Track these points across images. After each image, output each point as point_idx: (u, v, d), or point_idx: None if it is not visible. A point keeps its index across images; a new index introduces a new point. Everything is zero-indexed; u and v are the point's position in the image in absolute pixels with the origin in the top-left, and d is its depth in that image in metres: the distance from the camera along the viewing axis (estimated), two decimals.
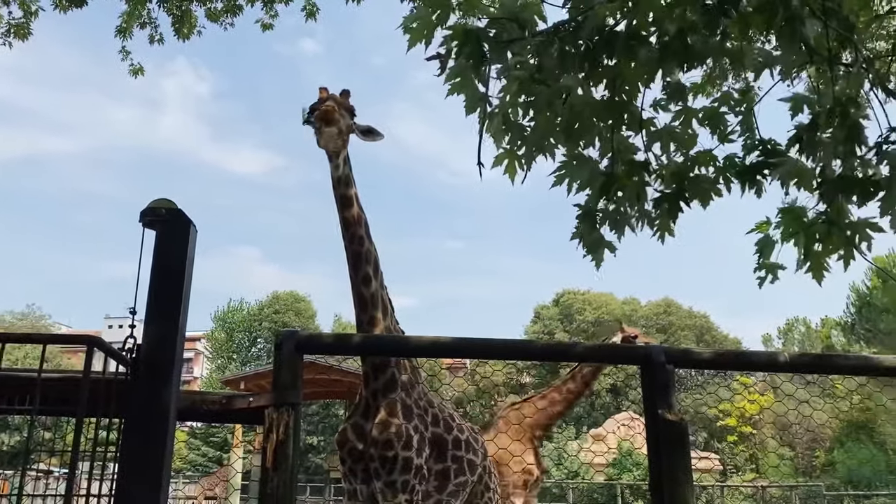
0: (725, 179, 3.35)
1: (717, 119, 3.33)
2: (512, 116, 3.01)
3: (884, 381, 30.16)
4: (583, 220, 3.22)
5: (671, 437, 3.07)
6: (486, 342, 3.28)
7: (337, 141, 4.09)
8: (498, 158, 3.13)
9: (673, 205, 3.30)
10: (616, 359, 3.55)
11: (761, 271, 3.36)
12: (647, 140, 3.15)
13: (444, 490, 4.40)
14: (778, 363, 3.57)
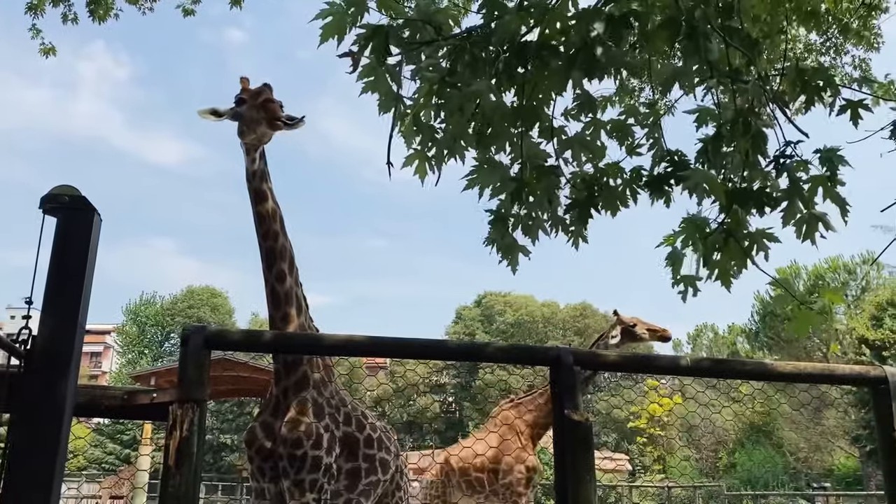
0: (632, 191, 3.46)
1: (625, 131, 3.43)
2: (423, 118, 3.04)
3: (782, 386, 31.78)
4: (495, 225, 3.26)
5: (576, 437, 3.15)
6: (401, 341, 3.29)
7: (267, 135, 4.05)
8: (408, 159, 3.14)
9: (583, 211, 3.38)
10: (527, 359, 3.62)
11: (680, 285, 3.49)
12: (558, 148, 3.23)
13: (354, 489, 4.38)
14: (679, 367, 3.72)
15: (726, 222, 3.14)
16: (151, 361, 51.06)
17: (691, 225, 3.24)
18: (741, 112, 2.96)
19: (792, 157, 3.13)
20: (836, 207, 3.16)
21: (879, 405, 3.84)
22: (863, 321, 31.15)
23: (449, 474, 8.34)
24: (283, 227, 4.26)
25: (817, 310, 3.24)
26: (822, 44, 7.67)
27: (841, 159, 3.16)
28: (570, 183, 3.32)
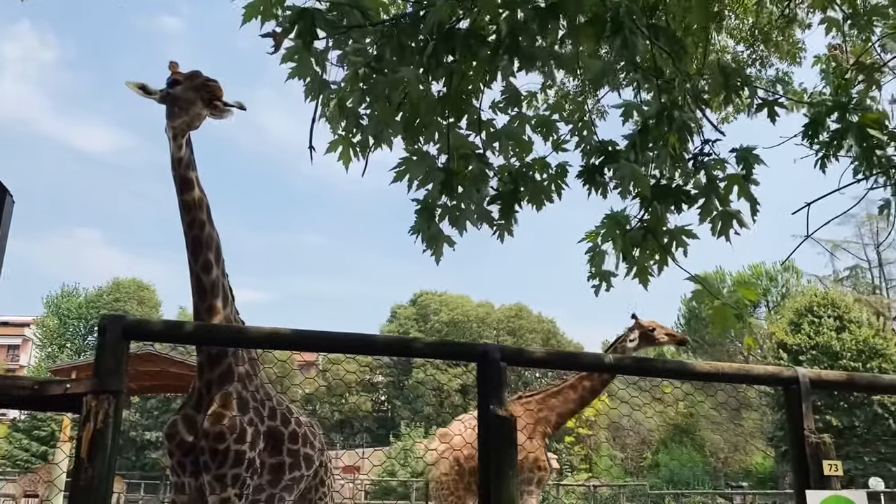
0: (557, 186, 3.53)
1: (549, 127, 3.49)
2: (350, 104, 3.02)
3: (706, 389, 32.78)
4: (421, 215, 3.27)
5: (500, 432, 3.19)
6: (327, 335, 3.26)
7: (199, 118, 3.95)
8: (332, 144, 3.12)
9: (508, 204, 3.43)
10: (455, 355, 3.63)
11: (595, 279, 3.57)
12: (486, 140, 3.26)
13: (277, 484, 4.33)
14: (603, 364, 3.81)
15: (645, 219, 3.23)
16: (73, 355, 49.20)
17: (612, 221, 3.32)
18: (665, 106, 3.04)
19: (709, 156, 3.24)
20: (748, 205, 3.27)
21: (791, 405, 4.00)
22: (782, 326, 32.42)
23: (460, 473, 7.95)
24: (210, 216, 4.18)
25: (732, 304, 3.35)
26: (748, 55, 7.99)
27: (756, 158, 3.29)
28: (497, 176, 3.35)
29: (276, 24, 2.71)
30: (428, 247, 3.37)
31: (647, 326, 7.91)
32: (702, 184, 3.32)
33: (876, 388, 4.96)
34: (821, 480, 3.73)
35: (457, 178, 3.06)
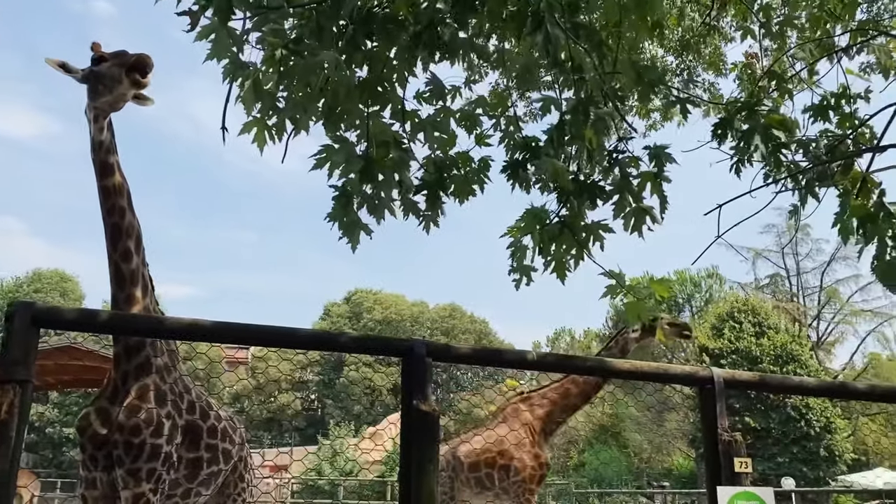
0: (480, 181, 3.57)
1: (473, 120, 3.52)
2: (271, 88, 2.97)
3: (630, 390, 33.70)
4: (338, 202, 3.25)
5: (423, 428, 3.20)
6: (249, 327, 3.20)
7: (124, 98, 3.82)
8: (246, 126, 3.07)
9: (433, 194, 3.45)
10: (380, 350, 3.62)
11: (516, 273, 3.61)
12: (410, 130, 3.26)
13: (194, 479, 4.24)
14: (527, 361, 3.86)
15: (563, 213, 3.30)
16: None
17: (531, 215, 3.38)
18: (581, 101, 3.11)
19: (624, 153, 3.33)
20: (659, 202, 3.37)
21: (706, 404, 4.14)
22: (704, 331, 33.51)
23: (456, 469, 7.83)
24: (131, 203, 4.06)
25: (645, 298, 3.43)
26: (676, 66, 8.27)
27: (668, 157, 3.39)
28: (422, 167, 3.36)
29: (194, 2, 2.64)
30: (344, 234, 3.34)
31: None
32: (617, 180, 3.40)
33: (785, 388, 5.18)
34: (732, 477, 3.88)
35: (376, 166, 3.04)
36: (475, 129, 3.52)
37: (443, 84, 3.33)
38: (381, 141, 3.05)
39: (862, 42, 4.09)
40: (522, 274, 3.60)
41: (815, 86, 4.09)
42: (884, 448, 35.81)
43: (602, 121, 3.19)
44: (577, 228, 3.37)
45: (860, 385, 5.23)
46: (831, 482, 28.06)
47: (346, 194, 3.22)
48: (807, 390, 5.35)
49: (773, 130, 3.32)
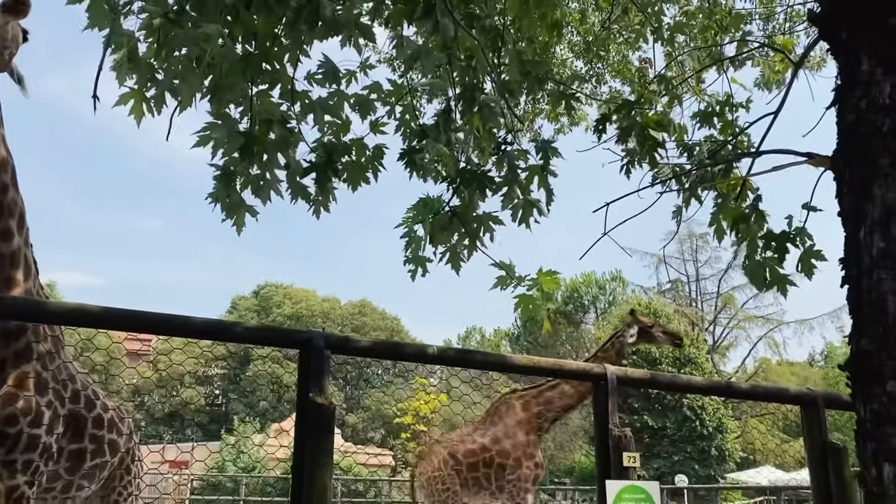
0: (374, 168, 3.56)
1: (367, 106, 3.50)
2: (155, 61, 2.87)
3: None
4: (220, 182, 3.17)
5: (317, 420, 3.17)
6: (138, 314, 3.09)
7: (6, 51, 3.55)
8: (123, 97, 2.95)
9: (322, 176, 3.41)
10: (278, 341, 3.56)
11: (411, 264, 3.62)
12: (300, 111, 3.21)
13: (76, 471, 4.04)
14: (427, 355, 3.88)
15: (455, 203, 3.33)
16: None
17: (423, 204, 3.40)
18: (468, 87, 3.14)
19: (512, 145, 3.39)
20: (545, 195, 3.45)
21: (599, 400, 4.27)
22: (607, 332, 34.59)
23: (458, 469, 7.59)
24: (15, 180, 3.82)
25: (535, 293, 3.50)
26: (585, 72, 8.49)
27: (555, 151, 3.47)
28: (312, 150, 3.32)
29: None
30: (228, 216, 3.26)
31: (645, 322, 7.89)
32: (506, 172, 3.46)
33: (675, 386, 5.41)
34: (621, 471, 4.02)
35: (258, 144, 2.97)
36: (369, 114, 3.50)
37: (336, 67, 3.29)
38: (265, 119, 2.98)
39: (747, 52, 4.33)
40: (417, 265, 3.61)
41: (702, 93, 4.30)
42: (770, 448, 37.87)
43: (489, 108, 3.23)
44: (467, 219, 3.40)
45: (744, 385, 5.52)
46: (721, 479, 29.42)
47: (228, 174, 3.14)
48: (695, 388, 5.62)
49: (650, 130, 3.46)
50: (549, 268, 3.40)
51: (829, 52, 2.63)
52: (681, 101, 4.30)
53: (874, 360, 2.32)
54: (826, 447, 4.71)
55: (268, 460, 32.74)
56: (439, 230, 3.39)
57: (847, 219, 2.49)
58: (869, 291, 2.37)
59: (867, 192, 2.42)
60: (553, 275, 3.42)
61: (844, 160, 2.53)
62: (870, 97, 2.47)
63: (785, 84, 4.42)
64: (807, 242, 3.35)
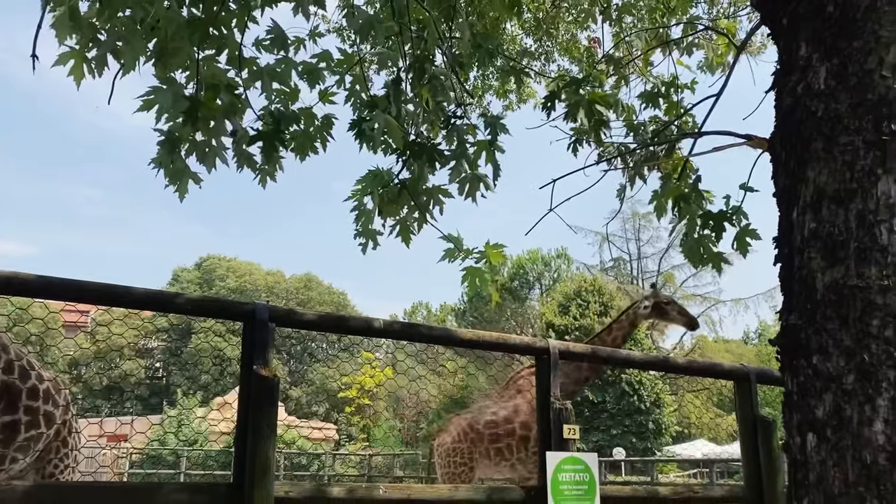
0: (322, 138, 3.53)
1: (316, 75, 3.46)
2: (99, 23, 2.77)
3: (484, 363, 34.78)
4: (164, 147, 3.10)
5: (261, 392, 3.16)
6: (77, 283, 3.02)
7: None
8: (62, 57, 2.84)
9: (269, 146, 3.36)
10: (221, 313, 3.52)
11: (361, 238, 3.61)
12: (247, 78, 3.16)
13: (10, 444, 3.95)
14: (373, 328, 3.89)
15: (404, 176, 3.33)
16: None
17: (373, 176, 3.39)
18: (418, 58, 3.13)
19: (462, 119, 3.40)
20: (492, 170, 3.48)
21: (541, 372, 4.36)
22: (552, 308, 35.13)
23: (476, 441, 7.74)
24: None
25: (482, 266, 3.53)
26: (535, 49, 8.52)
27: (503, 127, 3.50)
28: (259, 118, 3.27)
29: None
30: (171, 182, 3.20)
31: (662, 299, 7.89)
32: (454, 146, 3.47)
33: (614, 360, 5.54)
34: (561, 443, 4.13)
35: (203, 110, 2.91)
36: (318, 83, 3.45)
37: (285, 34, 3.23)
38: (212, 85, 2.91)
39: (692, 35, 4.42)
40: (368, 238, 3.61)
41: (649, 74, 4.38)
42: (704, 422, 39.19)
43: (438, 81, 3.23)
44: (417, 191, 3.40)
45: (680, 360, 5.69)
46: (657, 452, 30.35)
47: (171, 139, 3.07)
48: (634, 363, 5.76)
49: (597, 106, 3.51)
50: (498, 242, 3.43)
51: (770, 36, 2.70)
52: (627, 81, 4.37)
53: (801, 335, 2.43)
54: (756, 420, 4.92)
55: (210, 434, 32.43)
56: (389, 203, 3.38)
57: (781, 199, 2.58)
58: (799, 269, 2.47)
59: (801, 175, 2.51)
60: (499, 248, 3.45)
61: (781, 143, 2.61)
62: (806, 82, 2.55)
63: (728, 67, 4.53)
64: (742, 221, 3.46)
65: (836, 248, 2.34)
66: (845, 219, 2.34)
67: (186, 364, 50.28)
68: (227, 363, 48.53)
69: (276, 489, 3.11)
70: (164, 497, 2.97)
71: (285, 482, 3.28)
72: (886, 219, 2.31)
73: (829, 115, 2.44)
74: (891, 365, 2.24)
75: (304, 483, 3.48)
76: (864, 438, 2.21)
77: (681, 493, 4.92)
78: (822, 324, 2.33)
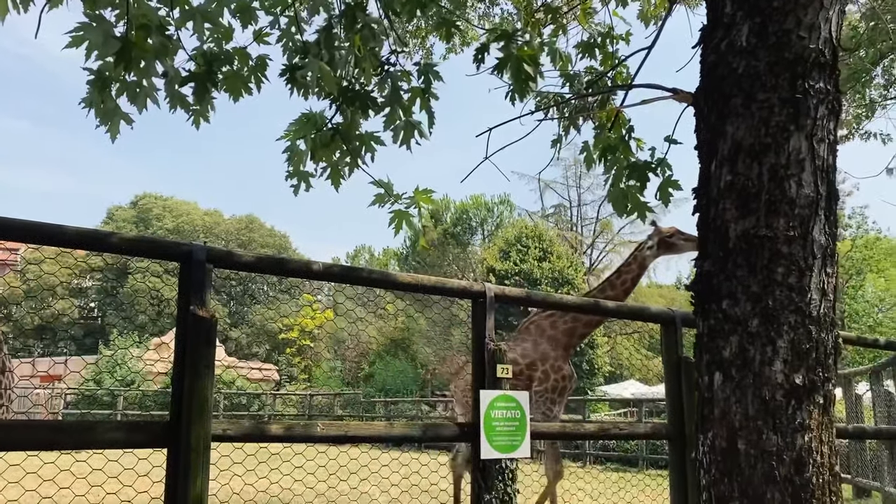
0: (256, 79, 3.49)
1: (248, 14, 3.40)
2: None
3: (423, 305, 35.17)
4: (94, 87, 3.03)
5: (199, 332, 3.19)
6: (5, 221, 2.97)
7: None
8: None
9: (201, 87, 3.32)
10: (156, 253, 3.49)
11: (293, 179, 3.62)
12: (179, 17, 3.09)
13: None
14: (312, 271, 3.93)
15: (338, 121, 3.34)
16: None
17: (306, 120, 3.38)
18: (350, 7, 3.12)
19: (395, 65, 3.41)
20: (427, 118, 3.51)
21: (477, 315, 4.49)
22: (493, 253, 35.55)
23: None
24: None
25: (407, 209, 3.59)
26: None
27: (437, 74, 3.53)
28: (191, 58, 3.21)
29: None
30: (102, 123, 3.14)
31: (665, 233, 7.89)
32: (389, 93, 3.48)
33: (548, 304, 5.72)
34: (494, 381, 4.29)
35: (135, 50, 2.84)
36: (251, 23, 3.39)
37: None
38: (142, 25, 2.84)
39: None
40: (300, 180, 3.61)
41: (587, 24, 4.42)
42: (634, 364, 40.69)
43: (370, 28, 3.22)
44: (350, 137, 3.41)
45: (610, 304, 5.91)
46: (590, 392, 31.47)
47: (102, 79, 3.00)
48: (566, 306, 5.96)
49: (524, 64, 3.55)
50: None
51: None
52: (566, 30, 4.41)
53: (714, 281, 2.59)
54: (681, 361, 5.19)
55: (147, 374, 32.13)
56: (321, 147, 3.38)
57: (702, 152, 2.71)
58: (714, 219, 2.61)
59: (721, 129, 2.62)
60: (428, 193, 3.51)
61: (704, 98, 2.73)
62: (729, 39, 2.65)
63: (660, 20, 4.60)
64: (667, 172, 3.59)
65: (748, 199, 2.49)
66: (759, 172, 2.48)
67: (123, 304, 49.33)
68: (164, 304, 47.77)
69: (213, 427, 3.15)
70: (101, 435, 3.00)
71: (223, 421, 3.34)
72: (796, 173, 2.47)
73: (748, 72, 2.55)
74: (792, 310, 2.42)
75: (243, 421, 3.55)
76: (765, 377, 2.40)
77: (607, 430, 5.19)
78: (733, 271, 2.49)
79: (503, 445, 4.12)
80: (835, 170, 2.58)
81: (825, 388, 2.43)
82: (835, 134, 2.59)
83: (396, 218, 3.57)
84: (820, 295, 2.46)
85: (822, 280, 2.47)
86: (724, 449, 2.45)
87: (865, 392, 12.79)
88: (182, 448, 3.05)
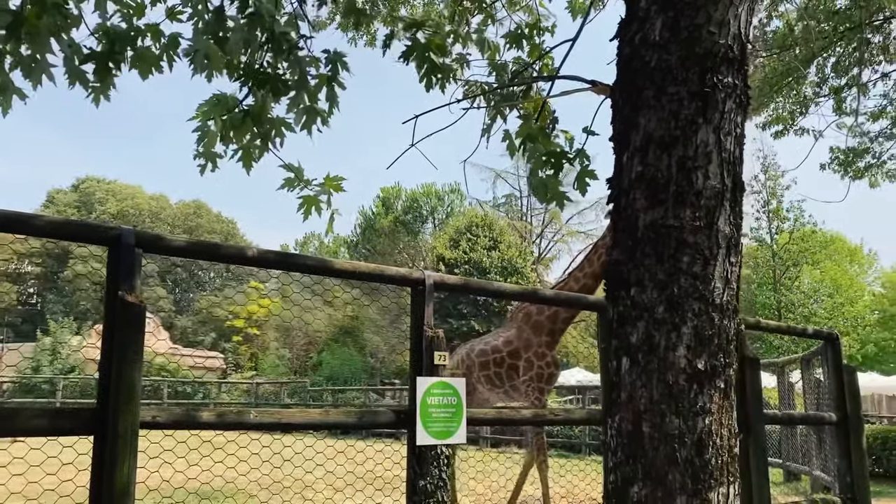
0: (169, 57, 3.47)
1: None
2: None
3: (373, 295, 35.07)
4: None
5: (128, 318, 3.16)
6: None
7: None
8: None
9: (102, 65, 3.27)
10: (84, 237, 3.44)
11: (201, 159, 3.61)
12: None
13: None
14: (246, 257, 3.90)
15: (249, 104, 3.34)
16: None
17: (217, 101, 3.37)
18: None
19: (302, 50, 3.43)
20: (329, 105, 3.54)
21: (416, 302, 4.54)
22: (443, 242, 35.64)
23: (470, 368, 8.14)
24: None
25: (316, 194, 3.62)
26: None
27: (345, 64, 3.57)
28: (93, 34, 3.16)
29: None
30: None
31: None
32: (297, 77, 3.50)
33: (486, 291, 5.79)
34: (431, 368, 4.35)
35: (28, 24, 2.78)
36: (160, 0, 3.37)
37: None
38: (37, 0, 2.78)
39: None
40: (208, 160, 3.59)
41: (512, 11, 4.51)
42: (580, 352, 41.34)
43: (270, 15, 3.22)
44: (262, 119, 3.42)
45: (548, 292, 6.04)
46: None
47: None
48: (505, 294, 6.05)
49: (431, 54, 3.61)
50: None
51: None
52: (494, 19, 4.49)
53: (623, 269, 2.69)
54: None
55: (87, 362, 31.38)
56: (233, 128, 3.38)
57: (616, 144, 2.79)
58: (625, 209, 2.71)
59: (633, 121, 2.72)
60: (338, 180, 3.55)
61: (619, 90, 2.82)
62: (643, 33, 2.74)
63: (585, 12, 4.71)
64: (584, 163, 3.70)
65: (657, 190, 2.59)
66: (668, 164, 2.58)
67: (63, 290, 48.01)
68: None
69: (143, 414, 3.11)
70: (24, 422, 2.94)
71: (153, 407, 3.32)
72: (703, 165, 2.58)
73: (660, 65, 2.64)
74: (696, 297, 2.54)
75: (173, 408, 3.52)
76: (669, 362, 2.51)
77: (542, 416, 5.31)
78: (641, 259, 2.59)
79: (439, 431, 4.19)
80: (741, 162, 2.69)
81: (726, 373, 2.55)
82: (742, 127, 2.71)
83: (305, 203, 3.60)
84: (723, 283, 2.58)
85: (726, 269, 2.58)
86: (630, 432, 2.55)
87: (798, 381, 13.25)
88: (109, 435, 3.01)
